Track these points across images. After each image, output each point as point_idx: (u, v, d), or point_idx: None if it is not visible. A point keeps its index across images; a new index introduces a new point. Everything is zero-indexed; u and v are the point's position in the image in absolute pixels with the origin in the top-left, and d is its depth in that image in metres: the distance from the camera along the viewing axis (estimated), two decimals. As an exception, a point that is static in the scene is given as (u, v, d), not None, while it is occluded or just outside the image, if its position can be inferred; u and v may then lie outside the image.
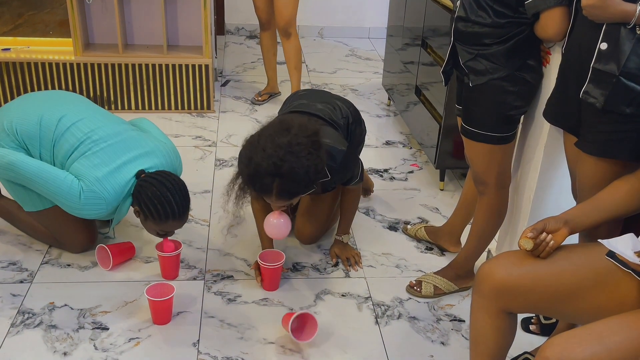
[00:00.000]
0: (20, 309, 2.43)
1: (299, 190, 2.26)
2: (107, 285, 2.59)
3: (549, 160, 2.31)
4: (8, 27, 4.20)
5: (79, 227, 2.70)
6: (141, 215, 2.48)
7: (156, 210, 2.41)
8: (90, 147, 2.49)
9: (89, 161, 2.46)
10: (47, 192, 2.46)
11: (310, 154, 2.19)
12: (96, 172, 2.43)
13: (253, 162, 2.19)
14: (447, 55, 2.31)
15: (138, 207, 2.46)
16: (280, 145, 2.16)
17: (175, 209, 2.43)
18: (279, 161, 2.15)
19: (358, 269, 2.75)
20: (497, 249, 2.70)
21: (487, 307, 1.79)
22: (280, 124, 2.27)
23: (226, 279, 2.66)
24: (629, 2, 1.71)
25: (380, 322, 2.46)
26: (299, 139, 2.18)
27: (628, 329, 1.52)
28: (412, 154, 3.87)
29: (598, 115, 1.85)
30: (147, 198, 2.41)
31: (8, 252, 2.77)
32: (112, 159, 2.48)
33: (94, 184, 2.41)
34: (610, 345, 1.49)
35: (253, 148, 2.21)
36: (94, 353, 2.24)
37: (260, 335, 2.36)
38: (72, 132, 2.51)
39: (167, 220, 2.43)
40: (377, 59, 5.70)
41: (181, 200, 2.45)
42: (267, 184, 2.20)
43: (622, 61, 1.76)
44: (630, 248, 1.59)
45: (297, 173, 2.17)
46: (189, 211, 2.54)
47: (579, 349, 1.48)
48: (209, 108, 4.31)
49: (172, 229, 2.52)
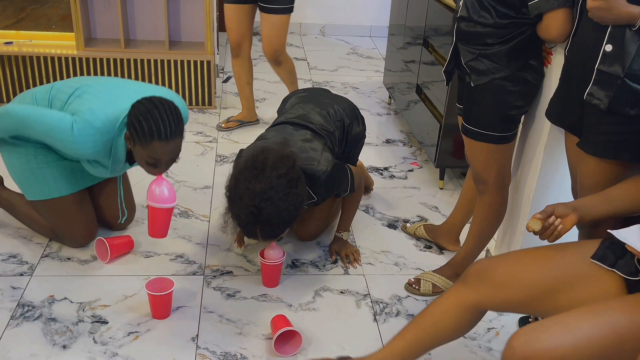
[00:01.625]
0: (20, 302, 2.43)
1: (282, 230, 2.29)
2: (107, 279, 2.59)
3: (549, 160, 2.32)
4: (11, 21, 4.20)
5: (79, 221, 2.69)
6: (131, 141, 2.35)
7: (141, 128, 2.26)
8: (84, 90, 2.47)
9: (82, 99, 2.43)
10: (40, 130, 2.40)
11: (287, 194, 2.20)
12: (90, 104, 2.39)
13: (234, 212, 2.26)
14: (449, 55, 2.32)
15: (128, 131, 2.34)
16: (254, 194, 2.18)
17: (161, 128, 2.26)
18: (256, 210, 2.18)
19: (357, 266, 2.76)
20: (496, 248, 2.71)
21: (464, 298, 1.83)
22: (254, 163, 2.24)
23: (225, 275, 2.66)
24: (634, 4, 1.72)
25: (378, 319, 2.47)
26: (272, 182, 2.18)
27: (594, 316, 1.54)
28: (412, 153, 3.88)
29: (601, 116, 1.86)
30: (133, 116, 2.29)
31: (8, 244, 2.77)
32: (106, 95, 2.45)
33: (86, 113, 2.35)
34: (576, 332, 1.51)
35: (232, 196, 2.26)
36: (93, 346, 2.25)
37: (259, 331, 2.36)
38: (64, 88, 2.51)
39: (152, 139, 2.27)
40: (378, 57, 5.71)
41: (169, 120, 2.29)
42: (251, 231, 2.26)
43: (626, 63, 1.77)
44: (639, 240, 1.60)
45: (275, 217, 2.20)
46: (180, 138, 2.37)
47: (544, 337, 1.51)
48: (210, 104, 4.31)
49: (160, 156, 2.32)
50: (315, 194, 2.45)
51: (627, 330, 1.51)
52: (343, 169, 2.59)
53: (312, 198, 2.44)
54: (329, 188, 2.50)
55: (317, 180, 2.40)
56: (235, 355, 2.25)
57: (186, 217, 3.05)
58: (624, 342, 1.51)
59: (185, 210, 3.10)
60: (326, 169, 2.42)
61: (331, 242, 2.87)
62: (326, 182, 2.43)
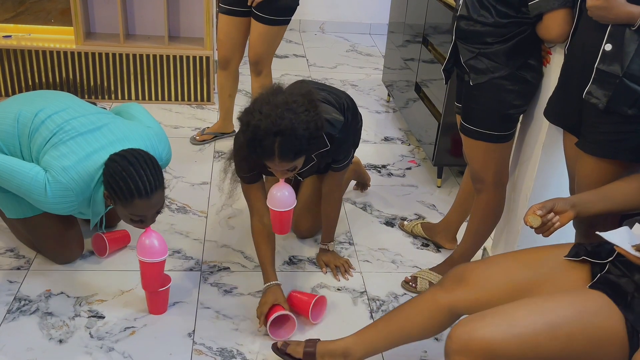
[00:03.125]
0: (16, 296, 2.44)
1: (301, 147, 2.13)
2: (104, 274, 2.60)
3: (547, 159, 2.33)
4: (10, 14, 4.19)
5: (61, 241, 2.59)
6: (111, 200, 2.26)
7: (119, 188, 2.17)
8: (61, 137, 2.31)
9: (57, 151, 2.28)
10: (12, 186, 2.28)
11: (308, 110, 2.12)
12: (63, 162, 2.25)
13: (251, 125, 2.09)
14: (449, 53, 2.32)
15: (106, 191, 2.25)
16: (276, 105, 2.08)
17: (140, 186, 2.16)
18: (278, 119, 2.06)
19: (349, 277, 2.70)
20: (493, 246, 2.72)
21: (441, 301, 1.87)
22: (272, 88, 2.21)
23: (222, 271, 2.67)
24: (634, 3, 1.72)
25: (375, 316, 2.48)
26: (294, 97, 2.12)
27: (537, 308, 1.58)
28: (410, 151, 3.89)
29: (600, 115, 1.86)
30: (110, 177, 2.20)
31: (5, 238, 2.78)
32: (82, 148, 2.30)
33: (60, 174, 2.23)
34: (514, 322, 1.55)
35: (249, 113, 2.13)
36: (90, 341, 2.25)
37: (256, 327, 2.37)
38: (46, 125, 2.35)
39: (133, 199, 2.17)
40: (377, 55, 5.71)
41: (147, 176, 2.18)
42: (268, 146, 2.09)
43: (626, 62, 1.77)
44: (628, 242, 1.61)
45: (297, 128, 2.08)
46: (162, 190, 2.26)
47: (481, 325, 1.55)
48: (208, 100, 4.31)
49: (144, 212, 2.23)
50: (330, 142, 2.36)
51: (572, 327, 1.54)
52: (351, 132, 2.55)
53: (326, 144, 2.35)
54: (344, 138, 2.40)
55: (334, 126, 2.34)
56: (231, 351, 2.25)
57: (184, 213, 3.05)
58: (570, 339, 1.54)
59: (183, 206, 3.11)
60: (341, 119, 2.37)
61: (318, 255, 2.80)
62: (342, 130, 2.36)
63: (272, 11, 3.28)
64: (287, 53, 5.57)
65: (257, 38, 3.38)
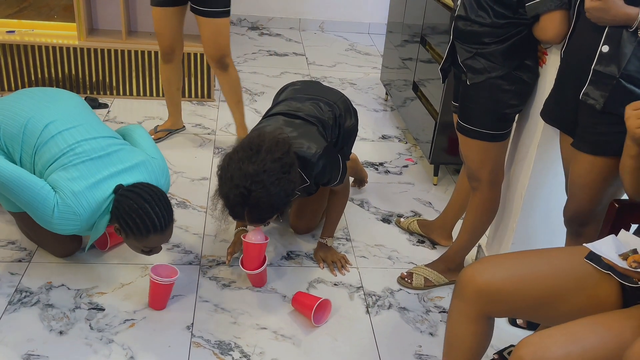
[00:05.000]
0: (18, 288, 2.46)
1: (270, 215, 2.26)
2: (104, 267, 2.63)
3: (542, 158, 2.35)
4: (13, 10, 4.21)
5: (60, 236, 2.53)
6: (122, 233, 2.32)
7: (135, 225, 2.25)
8: (72, 159, 2.32)
9: (67, 173, 2.29)
10: (20, 200, 2.28)
11: (280, 179, 2.18)
12: (73, 186, 2.26)
13: (222, 192, 2.22)
14: (446, 53, 2.34)
15: (117, 224, 2.30)
16: (246, 175, 2.15)
17: (156, 222, 2.26)
18: (246, 191, 2.15)
19: (345, 273, 2.74)
20: (488, 244, 2.75)
21: (467, 311, 1.77)
22: (250, 145, 2.24)
23: (221, 265, 2.70)
24: (631, 5, 1.74)
25: (371, 311, 2.51)
26: (265, 166, 2.16)
27: (602, 329, 1.53)
28: (408, 149, 3.92)
29: (596, 116, 1.88)
30: (124, 213, 2.26)
31: (7, 231, 2.80)
32: (92, 174, 2.32)
33: (69, 197, 2.24)
34: (585, 344, 1.49)
35: (223, 176, 2.23)
36: (90, 333, 2.28)
37: (253, 321, 2.40)
38: (56, 141, 2.35)
39: (149, 234, 2.27)
40: (376, 54, 5.73)
41: (162, 212, 2.28)
42: (239, 212, 2.22)
43: (622, 64, 1.79)
44: (615, 251, 1.58)
45: (264, 202, 2.17)
46: (172, 223, 2.36)
47: (553, 349, 1.48)
48: (209, 97, 4.34)
49: (156, 244, 2.35)
50: (308, 177, 2.42)
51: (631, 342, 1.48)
52: (334, 154, 2.57)
53: (305, 182, 2.42)
54: (321, 172, 2.45)
55: (309, 162, 2.37)
56: (229, 344, 2.28)
57: (184, 208, 3.08)
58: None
59: (183, 201, 3.14)
60: (318, 151, 2.39)
61: (316, 249, 2.83)
62: (318, 165, 2.40)
63: (210, 3, 3.23)
64: (287, 51, 5.60)
65: (210, 34, 3.32)
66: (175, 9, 3.35)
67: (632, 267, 1.52)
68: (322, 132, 2.53)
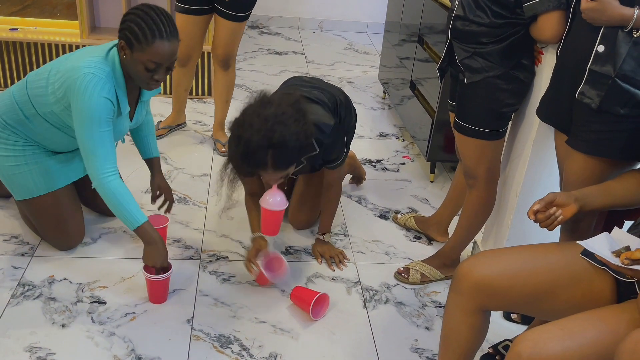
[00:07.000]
0: (20, 281, 2.49)
1: (293, 157, 2.23)
2: (106, 261, 2.65)
3: (537, 156, 2.37)
4: (17, 7, 4.21)
5: (63, 227, 2.62)
6: (127, 50, 2.26)
7: (141, 30, 2.21)
8: (56, 64, 2.40)
9: (65, 65, 2.35)
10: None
11: (297, 120, 2.19)
12: (71, 63, 2.32)
13: (243, 139, 2.16)
14: (444, 53, 2.36)
15: (123, 40, 2.26)
16: (266, 118, 2.15)
17: (161, 27, 2.22)
18: (269, 132, 2.13)
19: (343, 268, 2.76)
20: (483, 240, 2.77)
21: (464, 304, 1.78)
22: (260, 100, 2.26)
23: (221, 260, 2.73)
24: (627, 6, 1.76)
25: (368, 306, 2.54)
26: (283, 109, 2.18)
27: (599, 324, 1.54)
28: (405, 146, 3.95)
29: (592, 115, 1.89)
30: (130, 22, 2.23)
31: (10, 225, 2.82)
32: (78, 54, 2.38)
33: (80, 70, 2.27)
34: (582, 340, 1.50)
35: (240, 127, 2.19)
36: (91, 326, 2.30)
37: (253, 315, 2.42)
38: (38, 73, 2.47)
39: (154, 39, 2.21)
40: (374, 53, 5.76)
41: (166, 21, 2.25)
42: (261, 158, 2.17)
43: (618, 63, 1.80)
44: (608, 248, 1.60)
45: (288, 140, 2.15)
46: (177, 41, 2.31)
47: (551, 344, 1.49)
48: (209, 94, 4.36)
49: (161, 58, 2.26)
50: (319, 146, 2.41)
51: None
52: (341, 133, 2.58)
53: (315, 149, 2.41)
54: (333, 142, 2.46)
55: (322, 131, 2.39)
56: (228, 338, 2.31)
57: (184, 203, 3.11)
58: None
59: (184, 197, 3.17)
60: (331, 122, 2.42)
61: (314, 245, 2.85)
62: (331, 134, 2.41)
63: (240, 8, 3.32)
64: (287, 50, 5.62)
65: (227, 35, 3.39)
66: (201, 17, 3.40)
67: (625, 264, 1.53)
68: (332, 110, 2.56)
